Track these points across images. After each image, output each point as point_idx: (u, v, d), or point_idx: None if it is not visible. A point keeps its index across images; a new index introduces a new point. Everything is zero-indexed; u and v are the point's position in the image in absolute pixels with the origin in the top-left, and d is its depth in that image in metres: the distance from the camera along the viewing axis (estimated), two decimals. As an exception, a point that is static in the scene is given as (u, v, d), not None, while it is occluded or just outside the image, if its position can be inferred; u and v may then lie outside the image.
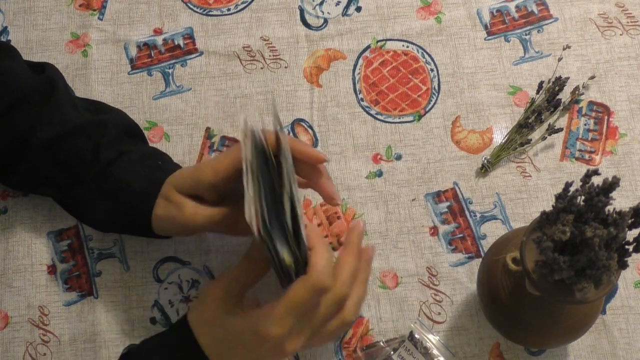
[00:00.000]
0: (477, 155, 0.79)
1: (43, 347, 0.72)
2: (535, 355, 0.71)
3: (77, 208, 0.72)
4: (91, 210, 0.70)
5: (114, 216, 0.69)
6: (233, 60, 0.83)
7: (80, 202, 0.70)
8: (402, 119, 0.80)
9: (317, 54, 0.83)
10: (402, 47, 0.83)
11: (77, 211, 0.72)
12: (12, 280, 0.74)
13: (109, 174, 0.68)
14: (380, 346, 0.71)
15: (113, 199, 0.68)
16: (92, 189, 0.68)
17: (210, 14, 0.85)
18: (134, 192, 0.67)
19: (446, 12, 0.85)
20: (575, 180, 0.57)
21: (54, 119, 0.70)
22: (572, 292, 0.57)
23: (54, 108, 0.70)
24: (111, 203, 0.68)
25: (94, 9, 0.85)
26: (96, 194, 0.68)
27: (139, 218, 0.67)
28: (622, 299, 0.73)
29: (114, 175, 0.68)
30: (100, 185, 0.68)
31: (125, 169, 0.68)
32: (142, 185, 0.67)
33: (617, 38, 0.84)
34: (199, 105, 0.81)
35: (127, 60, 0.83)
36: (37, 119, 0.70)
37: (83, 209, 0.71)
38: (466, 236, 0.75)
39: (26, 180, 0.72)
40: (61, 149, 0.69)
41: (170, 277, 0.74)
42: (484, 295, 0.67)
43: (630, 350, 0.71)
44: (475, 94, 0.81)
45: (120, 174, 0.68)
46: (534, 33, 0.84)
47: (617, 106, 0.80)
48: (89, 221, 0.72)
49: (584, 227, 0.53)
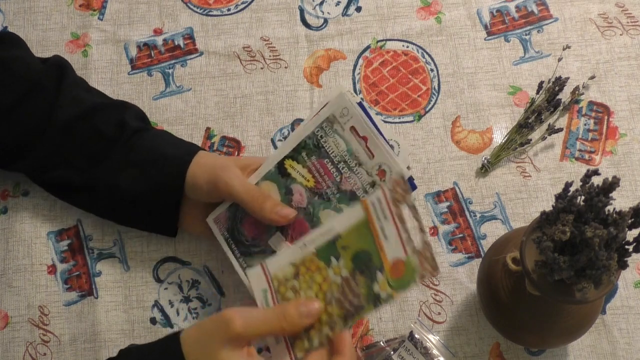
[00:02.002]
0: (477, 155, 0.79)
1: (43, 347, 0.72)
2: (535, 355, 0.71)
3: (93, 191, 0.71)
4: (112, 186, 0.69)
5: (140, 185, 0.68)
6: (233, 60, 0.83)
7: (99, 181, 0.70)
8: (402, 119, 0.80)
9: (317, 54, 0.83)
10: (402, 47, 0.83)
11: (91, 196, 0.71)
12: (12, 280, 0.74)
13: (136, 144, 0.69)
14: (380, 346, 0.71)
15: (141, 165, 0.68)
16: (116, 162, 0.69)
17: (210, 14, 0.85)
18: (166, 155, 0.68)
19: (446, 12, 0.85)
20: (575, 180, 0.57)
21: (70, 102, 0.71)
22: (572, 292, 0.57)
23: (68, 91, 0.72)
24: (138, 171, 0.68)
25: (94, 9, 0.85)
26: (121, 165, 0.69)
27: (171, 179, 0.67)
28: (622, 299, 0.73)
29: (142, 144, 0.69)
30: (127, 155, 0.69)
31: (153, 139, 0.71)
32: (176, 151, 0.69)
33: (617, 38, 0.84)
34: (199, 105, 0.81)
35: (127, 60, 0.83)
36: (52, 104, 0.70)
37: (101, 188, 0.70)
38: (466, 236, 0.75)
39: (43, 164, 0.71)
40: (81, 129, 0.70)
41: (170, 277, 0.74)
42: (484, 295, 0.67)
43: (630, 350, 0.71)
44: (475, 94, 0.81)
45: (149, 143, 0.70)
46: (534, 33, 0.84)
47: (617, 106, 0.80)
48: (102, 206, 0.72)
49: (584, 227, 0.53)
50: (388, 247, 0.56)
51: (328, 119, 0.65)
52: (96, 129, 0.70)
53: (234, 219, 0.67)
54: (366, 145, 0.63)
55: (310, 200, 0.65)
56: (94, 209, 0.73)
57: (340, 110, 0.64)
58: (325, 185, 0.64)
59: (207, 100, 0.81)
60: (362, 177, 0.63)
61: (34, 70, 0.72)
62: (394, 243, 0.55)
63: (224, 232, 0.68)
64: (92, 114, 0.71)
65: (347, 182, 0.64)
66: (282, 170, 0.67)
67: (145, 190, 0.69)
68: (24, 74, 0.72)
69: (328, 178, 0.64)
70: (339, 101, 0.64)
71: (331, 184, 0.64)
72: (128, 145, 0.70)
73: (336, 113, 0.64)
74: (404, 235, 0.55)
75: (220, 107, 0.81)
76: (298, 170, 0.65)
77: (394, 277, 0.55)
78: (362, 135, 0.64)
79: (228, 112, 0.81)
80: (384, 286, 0.56)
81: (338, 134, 0.64)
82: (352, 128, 0.64)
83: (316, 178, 0.65)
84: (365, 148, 0.63)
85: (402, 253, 0.55)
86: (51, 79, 0.72)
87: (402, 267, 0.55)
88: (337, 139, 0.64)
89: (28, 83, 0.71)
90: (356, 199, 0.63)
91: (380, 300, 0.56)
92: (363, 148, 0.64)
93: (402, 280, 0.55)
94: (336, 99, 0.64)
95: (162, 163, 0.68)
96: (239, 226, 0.67)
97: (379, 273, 0.56)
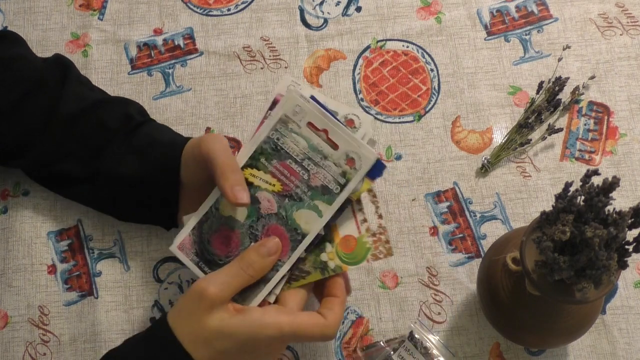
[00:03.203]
0: (477, 155, 0.79)
1: (43, 347, 0.72)
2: (535, 355, 0.71)
3: (94, 182, 0.71)
4: (112, 174, 0.69)
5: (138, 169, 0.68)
6: (233, 60, 0.83)
7: (100, 171, 0.70)
8: (402, 119, 0.80)
9: (317, 54, 0.83)
10: (402, 47, 0.83)
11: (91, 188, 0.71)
12: (12, 280, 0.74)
13: (137, 133, 0.70)
14: (380, 346, 0.71)
15: (139, 151, 0.69)
16: (116, 151, 0.69)
17: (210, 14, 0.85)
18: (163, 141, 0.69)
19: (446, 12, 0.85)
20: (575, 180, 0.57)
21: (73, 97, 0.71)
22: (572, 292, 0.57)
23: (71, 87, 0.72)
24: (136, 156, 0.69)
25: (94, 9, 0.85)
26: (121, 153, 0.69)
27: (167, 161, 0.67)
28: (622, 299, 0.73)
29: (142, 132, 0.70)
30: (127, 144, 0.70)
31: (153, 128, 0.72)
32: (173, 137, 0.70)
33: (617, 38, 0.84)
34: (199, 105, 0.81)
35: (127, 60, 0.83)
36: (55, 101, 0.71)
37: (102, 178, 0.70)
38: (466, 236, 0.75)
39: (46, 158, 0.71)
40: (84, 122, 0.70)
41: (170, 277, 0.74)
42: (483, 295, 0.67)
43: (630, 350, 0.71)
44: (475, 94, 0.81)
45: (149, 131, 0.71)
46: (534, 33, 0.84)
47: (617, 106, 0.80)
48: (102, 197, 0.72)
49: (584, 227, 0.53)
50: (341, 225, 0.63)
51: (281, 119, 0.63)
52: (100, 122, 0.71)
53: (200, 242, 0.64)
54: (327, 137, 0.62)
55: (280, 204, 0.63)
56: (94, 201, 0.73)
57: (292, 108, 0.62)
58: (294, 185, 0.63)
59: (207, 100, 0.81)
60: (331, 169, 0.62)
61: (35, 69, 0.72)
62: (348, 222, 0.63)
63: (193, 257, 0.64)
64: (97, 108, 0.71)
65: (316, 178, 0.63)
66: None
67: (143, 174, 0.68)
68: (25, 72, 0.72)
69: (295, 178, 0.63)
70: (289, 100, 0.62)
71: (299, 183, 0.63)
72: (129, 136, 0.70)
73: (288, 112, 0.62)
74: (359, 217, 0.64)
75: (220, 107, 0.81)
76: (260, 177, 0.63)
77: (345, 251, 0.63)
78: (321, 129, 0.62)
79: (228, 112, 0.81)
80: (332, 256, 0.63)
81: (295, 132, 0.63)
82: (309, 124, 0.62)
83: (282, 181, 0.63)
84: (327, 140, 0.62)
85: (355, 232, 0.63)
86: (54, 76, 0.72)
87: (353, 243, 0.63)
88: (295, 138, 0.63)
89: (30, 81, 0.71)
90: (329, 193, 0.62)
91: (327, 269, 0.63)
92: (325, 141, 0.62)
93: (353, 255, 0.63)
94: (285, 98, 0.62)
95: (158, 147, 0.69)
96: (207, 247, 0.64)
97: (328, 244, 0.63)
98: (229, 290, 0.59)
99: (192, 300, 0.59)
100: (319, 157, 0.62)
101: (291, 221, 0.63)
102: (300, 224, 0.63)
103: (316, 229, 0.62)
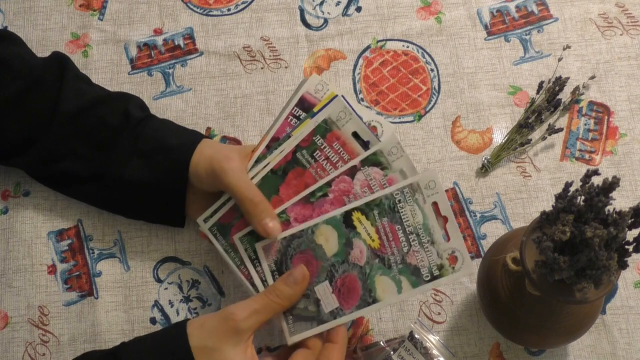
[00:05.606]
0: (477, 155, 0.79)
1: (42, 347, 0.72)
2: (535, 355, 0.71)
3: (100, 181, 0.71)
4: (118, 177, 0.69)
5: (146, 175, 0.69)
6: (233, 60, 0.83)
7: (105, 172, 0.70)
8: (402, 119, 0.80)
9: (317, 54, 0.83)
10: (402, 47, 0.83)
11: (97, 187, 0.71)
12: (12, 280, 0.74)
13: (140, 134, 0.70)
14: (380, 346, 0.71)
15: (146, 156, 0.69)
16: (122, 153, 0.69)
17: (210, 14, 0.85)
18: (170, 145, 0.69)
19: (446, 12, 0.85)
20: (575, 180, 0.57)
21: (72, 94, 0.71)
22: (572, 292, 0.57)
23: (69, 84, 0.72)
24: (143, 161, 0.69)
25: (94, 9, 0.86)
26: (127, 156, 0.69)
27: (175, 168, 0.68)
28: (622, 299, 0.73)
29: (146, 134, 0.70)
30: (132, 146, 0.69)
31: (157, 128, 0.71)
32: (180, 140, 0.70)
33: (617, 38, 0.84)
34: (199, 105, 0.81)
35: (127, 60, 0.83)
36: (55, 98, 0.71)
37: (107, 178, 0.70)
38: (466, 236, 0.75)
39: (49, 157, 0.71)
40: (86, 119, 0.70)
41: (170, 277, 0.74)
42: (484, 295, 0.67)
43: (630, 350, 0.71)
44: (476, 94, 0.81)
45: (153, 133, 0.70)
46: (534, 33, 0.84)
47: (617, 106, 0.80)
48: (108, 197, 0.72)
49: (584, 227, 0.53)
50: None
51: (411, 185, 0.62)
52: (101, 119, 0.71)
53: (284, 253, 0.64)
54: (444, 225, 0.62)
55: (369, 260, 0.62)
56: (100, 200, 0.73)
57: (427, 182, 0.62)
58: (390, 251, 0.62)
59: (208, 100, 0.81)
60: (432, 256, 0.61)
61: (34, 66, 0.73)
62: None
63: (271, 262, 0.64)
64: (97, 105, 0.71)
65: (413, 257, 0.62)
66: (348, 221, 0.63)
67: (151, 180, 0.69)
68: (24, 70, 0.72)
69: (395, 245, 0.62)
70: (428, 174, 0.62)
71: (396, 252, 0.62)
72: (133, 136, 0.70)
73: (422, 183, 0.62)
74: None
75: (220, 107, 0.81)
76: (365, 227, 0.62)
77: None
78: (443, 215, 0.62)
79: (228, 112, 0.81)
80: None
81: (418, 204, 0.62)
82: (434, 204, 0.62)
83: (382, 241, 0.62)
84: (444, 228, 0.62)
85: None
86: (52, 73, 0.72)
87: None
88: (415, 209, 0.62)
89: (28, 79, 0.71)
90: (418, 276, 0.61)
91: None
92: (441, 228, 0.61)
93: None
94: (426, 172, 0.62)
95: (166, 153, 0.69)
96: (288, 262, 0.64)
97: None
98: (256, 318, 0.60)
99: (218, 318, 0.59)
100: (427, 239, 0.62)
101: (370, 282, 0.62)
102: (377, 288, 0.62)
103: (389, 302, 0.62)
